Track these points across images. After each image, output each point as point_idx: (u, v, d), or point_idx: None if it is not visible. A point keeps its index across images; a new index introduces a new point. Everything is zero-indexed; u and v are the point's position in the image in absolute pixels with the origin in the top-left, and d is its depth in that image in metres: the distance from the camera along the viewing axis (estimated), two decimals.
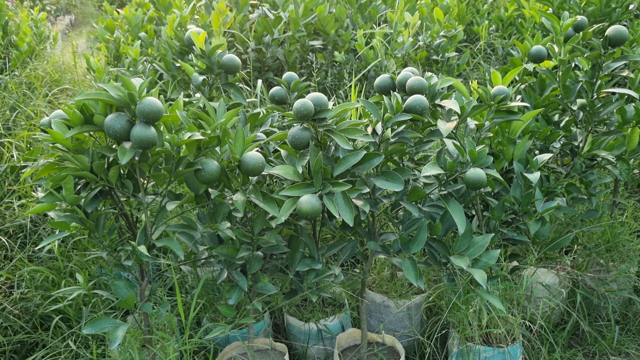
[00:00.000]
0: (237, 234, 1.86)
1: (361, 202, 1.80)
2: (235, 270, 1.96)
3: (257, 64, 4.06)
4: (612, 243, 2.70)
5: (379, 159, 1.78)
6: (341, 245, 2.05)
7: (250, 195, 1.80)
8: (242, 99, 2.19)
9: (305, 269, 1.95)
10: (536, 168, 2.11)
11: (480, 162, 1.83)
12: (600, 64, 2.32)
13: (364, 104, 1.88)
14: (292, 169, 1.80)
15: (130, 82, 1.66)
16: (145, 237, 1.87)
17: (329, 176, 1.77)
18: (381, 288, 2.56)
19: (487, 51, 4.92)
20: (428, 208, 2.03)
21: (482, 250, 1.90)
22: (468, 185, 1.80)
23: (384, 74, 2.20)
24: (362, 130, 1.83)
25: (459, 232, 1.81)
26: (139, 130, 1.63)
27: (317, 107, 1.81)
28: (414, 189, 1.91)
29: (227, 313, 1.92)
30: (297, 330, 2.41)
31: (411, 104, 1.87)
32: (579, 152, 2.48)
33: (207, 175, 1.71)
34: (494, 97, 2.12)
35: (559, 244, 2.29)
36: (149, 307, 1.89)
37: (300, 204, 1.67)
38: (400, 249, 1.92)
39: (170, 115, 1.75)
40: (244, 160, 1.73)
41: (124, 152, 1.65)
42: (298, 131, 1.82)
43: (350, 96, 3.00)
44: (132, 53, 3.58)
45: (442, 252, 1.94)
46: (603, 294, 2.59)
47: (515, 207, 2.12)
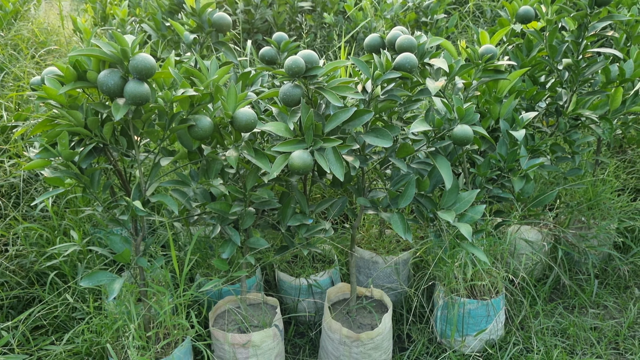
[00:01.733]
0: (230, 190, 1.90)
1: (351, 158, 1.84)
2: (228, 225, 2.01)
3: (246, 25, 4.04)
4: (594, 201, 2.78)
5: (369, 116, 1.82)
6: (331, 202, 2.10)
7: (243, 152, 1.83)
8: (234, 58, 2.20)
9: (297, 224, 2.01)
10: (521, 126, 2.16)
11: (467, 119, 1.88)
12: (586, 23, 2.36)
13: (355, 62, 1.90)
14: (283, 125, 1.83)
15: (122, 38, 1.67)
16: (139, 193, 1.90)
17: (320, 132, 1.80)
18: (370, 245, 2.63)
19: (475, 14, 4.92)
20: (416, 165, 2.08)
21: (468, 206, 1.96)
22: (455, 142, 1.85)
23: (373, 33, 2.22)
24: (353, 88, 1.86)
25: (446, 187, 1.87)
26: (133, 86, 1.65)
27: (308, 65, 1.84)
28: (403, 145, 1.95)
29: (221, 266, 1.97)
30: (288, 285, 2.48)
31: (400, 62, 1.90)
32: (564, 112, 2.53)
33: (200, 131, 1.74)
34: (482, 56, 2.16)
35: (542, 200, 2.36)
36: (144, 261, 1.94)
37: (292, 159, 1.71)
38: (389, 204, 1.98)
39: (163, 72, 1.77)
40: (237, 117, 1.76)
41: (118, 108, 1.68)
42: (289, 88, 1.84)
43: (339, 57, 3.01)
44: (119, 13, 3.54)
45: (429, 207, 2.00)
46: (584, 249, 2.68)
47: (501, 164, 2.18)
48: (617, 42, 2.77)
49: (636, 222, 2.79)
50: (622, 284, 2.77)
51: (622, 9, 2.96)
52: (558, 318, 2.52)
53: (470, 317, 2.29)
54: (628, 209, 2.84)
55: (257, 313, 2.28)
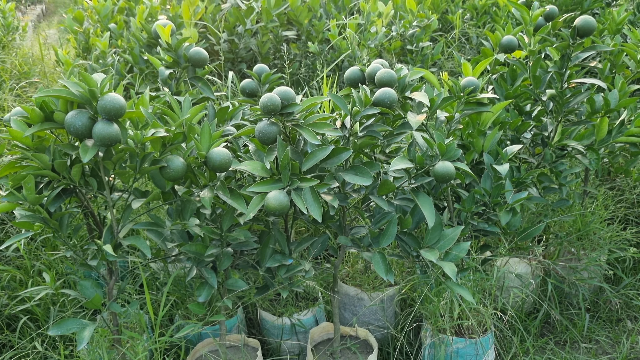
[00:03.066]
0: (205, 231, 1.83)
1: (330, 197, 1.78)
2: (205, 267, 1.93)
3: (230, 55, 4.01)
4: (583, 232, 2.73)
5: (347, 153, 1.77)
6: (312, 240, 2.03)
7: (218, 192, 1.77)
8: (210, 93, 2.15)
9: (276, 264, 1.94)
10: (506, 160, 2.11)
11: (449, 155, 1.83)
12: (569, 54, 2.33)
13: (333, 98, 1.86)
14: (259, 164, 1.78)
15: (90, 78, 1.62)
16: (111, 236, 1.83)
17: (297, 171, 1.75)
18: (355, 281, 2.56)
19: (461, 40, 4.92)
20: (399, 201, 2.02)
21: (453, 243, 1.90)
22: (437, 179, 1.80)
23: (355, 65, 2.19)
24: (331, 125, 1.81)
25: (428, 226, 1.81)
26: (101, 128, 1.59)
27: (285, 102, 1.79)
28: (384, 182, 1.90)
29: (197, 311, 1.90)
30: (271, 325, 2.40)
31: (380, 97, 1.86)
32: (549, 143, 2.49)
33: (172, 172, 1.68)
34: (464, 88, 2.12)
35: (530, 234, 2.30)
36: (117, 306, 1.86)
37: (267, 200, 1.65)
38: (370, 243, 1.92)
39: (134, 111, 1.71)
40: (210, 157, 1.70)
41: (86, 150, 1.62)
42: (265, 126, 1.79)
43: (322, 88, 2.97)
44: (100, 45, 3.50)
45: (413, 245, 1.94)
46: (574, 282, 2.62)
47: (486, 198, 2.12)
48: (602, 71, 2.75)
49: (627, 252, 2.73)
50: (614, 317, 2.71)
51: (605, 38, 2.95)
52: (549, 355, 2.45)
53: (458, 356, 2.22)
54: (618, 239, 2.79)
55: (237, 356, 2.19)
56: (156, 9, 3.94)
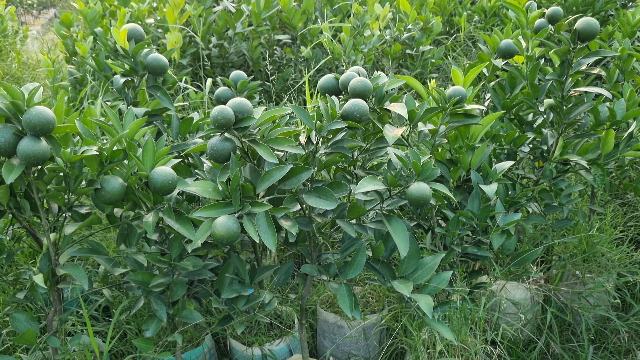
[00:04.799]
0: (150, 259, 1.64)
1: (289, 223, 1.58)
2: (155, 297, 1.74)
3: (220, 60, 3.82)
4: (589, 253, 2.48)
5: (307, 173, 1.56)
6: (273, 268, 1.82)
7: (164, 216, 1.58)
8: (169, 103, 1.97)
9: (233, 295, 1.74)
10: (495, 178, 1.88)
11: (425, 175, 1.61)
12: (570, 60, 2.10)
13: (295, 110, 1.65)
14: (211, 185, 1.58)
15: (14, 90, 1.43)
16: (48, 263, 1.65)
17: (251, 194, 1.55)
18: (334, 307, 2.35)
19: (467, 43, 4.69)
20: (374, 224, 1.80)
21: (432, 273, 1.69)
22: (411, 202, 1.58)
23: (329, 74, 1.98)
24: (291, 141, 1.60)
25: (401, 255, 1.60)
26: (25, 145, 1.41)
27: (239, 114, 1.59)
28: (354, 205, 1.69)
29: (144, 347, 1.70)
30: (241, 354, 2.20)
31: (348, 110, 1.65)
32: (549, 157, 2.26)
33: (107, 195, 1.49)
34: (449, 98, 1.91)
35: (524, 259, 2.07)
36: (55, 340, 1.68)
37: (214, 226, 1.46)
38: (337, 273, 1.71)
39: (68, 125, 1.53)
40: (152, 177, 1.51)
41: (11, 170, 1.43)
42: (217, 142, 1.59)
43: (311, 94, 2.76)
44: (80, 50, 3.35)
45: (386, 274, 1.73)
46: (576, 310, 2.38)
47: (473, 221, 1.90)
48: (609, 78, 2.51)
49: (638, 277, 2.48)
50: (622, 348, 2.46)
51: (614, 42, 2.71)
52: None
53: None
54: (628, 262, 2.54)
55: None
56: (143, 12, 3.78)
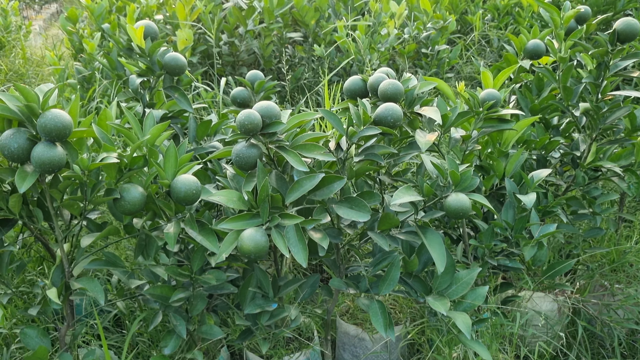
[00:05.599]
0: (171, 273, 1.54)
1: (319, 235, 1.48)
2: (173, 311, 1.65)
3: (230, 58, 3.72)
4: (618, 263, 2.39)
5: (340, 183, 1.47)
6: (299, 282, 1.73)
7: (186, 227, 1.48)
8: (188, 105, 1.87)
9: (257, 310, 1.64)
10: (532, 187, 1.79)
11: (463, 185, 1.52)
12: (607, 62, 2.00)
13: (325, 115, 1.55)
14: (236, 194, 1.48)
15: (29, 92, 1.34)
16: (61, 275, 1.55)
17: (280, 204, 1.45)
18: (355, 318, 2.25)
19: (481, 43, 4.59)
20: (405, 235, 1.70)
21: (467, 289, 1.59)
22: (449, 214, 1.49)
23: (365, 70, 1.88)
24: (322, 147, 1.51)
25: (438, 270, 1.50)
26: (40, 151, 1.32)
27: (266, 119, 1.49)
28: (385, 216, 1.59)
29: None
30: None
31: (381, 115, 1.56)
32: (581, 163, 2.16)
33: (127, 205, 1.39)
34: (483, 102, 1.80)
35: (558, 271, 1.98)
36: (68, 357, 1.58)
37: (241, 240, 1.36)
38: (368, 288, 1.61)
39: (86, 130, 1.43)
40: (174, 187, 1.41)
41: (24, 178, 1.34)
42: (243, 148, 1.49)
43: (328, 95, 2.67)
44: (88, 47, 3.24)
45: (420, 290, 1.63)
46: (607, 324, 2.28)
47: (507, 232, 1.80)
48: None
49: None
50: None
51: None
52: None
53: None
54: None
55: None
56: (152, 8, 3.67)
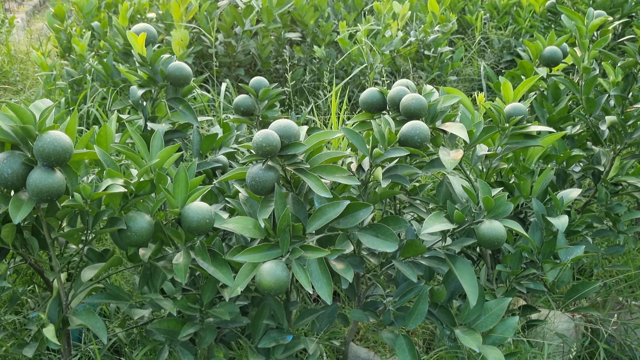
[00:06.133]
0: (179, 307, 1.41)
1: (342, 266, 1.36)
2: (180, 344, 1.52)
3: (227, 59, 3.58)
4: (636, 280, 2.31)
5: (367, 211, 1.35)
6: (316, 313, 1.60)
7: (197, 257, 1.35)
8: (193, 118, 1.74)
9: (271, 344, 1.52)
10: (561, 209, 1.68)
11: (497, 211, 1.41)
12: (635, 73, 1.90)
13: (347, 134, 1.43)
14: (252, 221, 1.36)
15: (24, 112, 1.20)
16: (59, 308, 1.42)
17: (300, 233, 1.33)
18: (367, 340, 2.14)
19: (481, 43, 4.49)
20: (427, 261, 1.59)
21: (497, 320, 1.48)
22: (482, 243, 1.38)
23: (371, 87, 1.76)
24: (343, 170, 1.39)
25: (470, 304, 1.39)
26: (38, 177, 1.18)
27: (285, 140, 1.37)
28: (410, 243, 1.48)
29: None
30: None
31: (408, 134, 1.44)
32: (604, 178, 2.07)
33: (134, 236, 1.26)
34: (509, 117, 1.70)
35: (585, 293, 1.88)
36: None
37: (260, 275, 1.24)
38: (392, 321, 1.50)
39: (87, 152, 1.30)
40: (186, 215, 1.28)
41: (19, 207, 1.21)
42: (260, 172, 1.37)
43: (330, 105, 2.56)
44: (78, 47, 3.08)
45: (446, 322, 1.52)
46: (629, 345, 2.20)
47: (534, 256, 1.70)
48: None
49: None
50: None
51: None
52: None
53: None
54: None
55: None
56: (144, 5, 3.52)
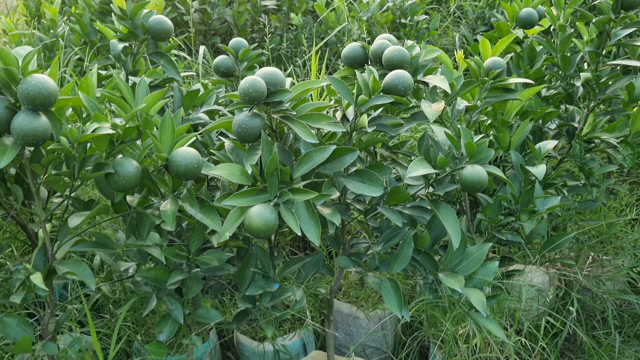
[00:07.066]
0: (167, 254, 1.42)
1: (329, 211, 1.39)
2: (167, 294, 1.53)
3: (202, 26, 3.54)
4: (607, 235, 2.39)
5: (353, 156, 1.37)
6: (302, 262, 1.63)
7: (184, 204, 1.36)
8: (176, 73, 1.73)
9: (258, 292, 1.54)
10: (539, 159, 1.73)
11: (479, 157, 1.44)
12: (609, 30, 1.95)
13: (332, 83, 1.44)
14: (238, 168, 1.36)
15: (7, 54, 1.18)
16: (45, 259, 1.41)
17: (287, 178, 1.35)
18: (349, 296, 2.18)
19: (456, 14, 4.52)
20: (410, 210, 1.62)
21: (478, 265, 1.53)
22: (465, 187, 1.41)
23: (353, 42, 1.78)
24: (329, 117, 1.40)
25: (453, 246, 1.43)
26: (22, 121, 1.17)
27: (271, 87, 1.38)
28: (395, 190, 1.51)
29: (157, 353, 1.49)
30: (251, 351, 2.01)
31: (392, 83, 1.46)
32: (578, 135, 2.12)
33: (122, 180, 1.26)
34: (488, 71, 1.73)
35: (559, 244, 1.94)
36: (52, 347, 1.45)
37: (249, 217, 1.25)
38: (377, 266, 1.53)
39: (71, 98, 1.29)
40: (174, 160, 1.29)
41: (4, 151, 1.20)
42: (246, 119, 1.38)
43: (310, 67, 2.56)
44: (49, 12, 3.02)
45: (429, 267, 1.56)
46: (601, 295, 2.28)
47: (513, 205, 1.75)
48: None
49: None
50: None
51: None
52: None
53: None
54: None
55: None
56: None
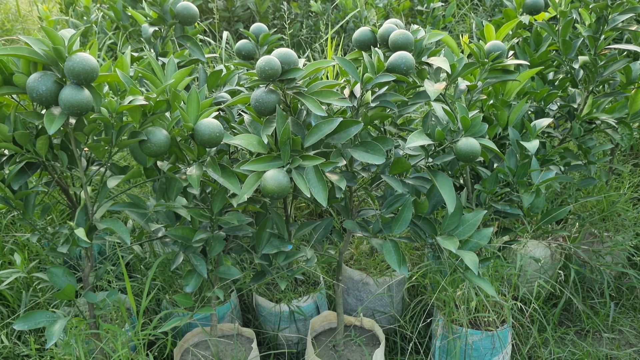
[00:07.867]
0: (193, 214, 1.60)
1: (336, 177, 1.55)
2: (193, 252, 1.71)
3: (226, 13, 3.71)
4: (608, 212, 2.51)
5: (358, 127, 1.53)
6: (314, 224, 1.80)
7: (208, 169, 1.53)
8: (201, 54, 1.90)
9: (273, 251, 1.71)
10: (534, 135, 1.87)
11: (473, 130, 1.59)
12: (606, 16, 2.07)
13: (340, 62, 1.60)
14: (256, 138, 1.53)
15: (56, 35, 1.36)
16: (85, 217, 1.60)
17: (299, 147, 1.51)
18: (359, 264, 2.34)
19: (474, 1, 4.62)
20: (413, 180, 1.79)
21: (473, 230, 1.68)
22: (459, 157, 1.56)
23: (363, 26, 1.93)
24: (338, 93, 1.56)
25: (448, 211, 1.58)
26: (69, 93, 1.35)
27: (285, 66, 1.54)
28: (397, 160, 1.66)
29: (184, 303, 1.68)
30: (268, 312, 2.19)
31: (395, 62, 1.61)
32: (578, 115, 2.25)
33: (153, 147, 1.44)
34: (489, 53, 1.87)
35: (554, 217, 2.08)
36: (92, 295, 1.65)
37: (264, 180, 1.42)
38: (381, 229, 1.69)
39: (110, 74, 1.47)
40: (198, 129, 1.46)
41: (52, 120, 1.38)
42: (262, 94, 1.54)
43: (326, 51, 2.71)
44: (84, 0, 3.22)
45: (428, 231, 1.72)
46: (598, 268, 2.41)
47: (510, 178, 1.89)
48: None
49: None
50: (638, 305, 2.51)
51: None
52: (570, 346, 2.25)
53: (473, 350, 2.02)
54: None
55: (231, 346, 1.99)
56: None
